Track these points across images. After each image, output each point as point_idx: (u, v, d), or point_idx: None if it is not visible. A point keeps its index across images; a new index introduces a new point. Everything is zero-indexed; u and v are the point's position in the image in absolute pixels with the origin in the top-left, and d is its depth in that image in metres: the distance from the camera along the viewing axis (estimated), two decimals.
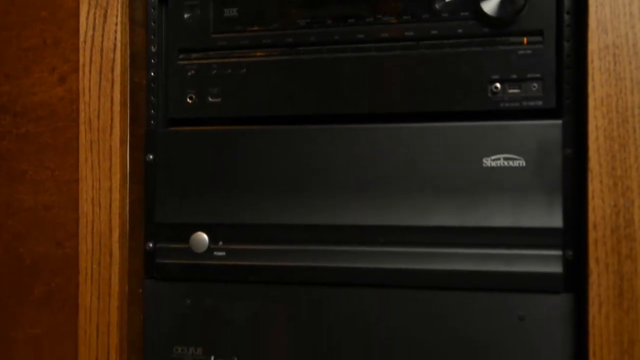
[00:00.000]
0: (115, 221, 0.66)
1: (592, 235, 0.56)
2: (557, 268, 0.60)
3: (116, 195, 0.66)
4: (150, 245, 0.69)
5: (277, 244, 0.66)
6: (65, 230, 0.69)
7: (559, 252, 0.60)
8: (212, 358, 0.68)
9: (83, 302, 0.67)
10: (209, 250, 0.67)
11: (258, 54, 0.67)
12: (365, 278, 0.64)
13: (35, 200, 0.70)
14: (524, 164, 0.61)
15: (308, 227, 0.65)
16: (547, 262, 0.60)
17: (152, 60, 0.70)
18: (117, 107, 0.66)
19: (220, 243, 0.67)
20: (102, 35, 0.66)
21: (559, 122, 0.60)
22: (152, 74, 0.70)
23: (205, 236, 0.67)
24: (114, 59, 0.65)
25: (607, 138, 0.55)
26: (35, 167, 0.70)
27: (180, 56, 0.68)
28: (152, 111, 0.70)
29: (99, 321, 0.66)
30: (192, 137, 0.68)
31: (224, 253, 0.67)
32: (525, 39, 0.61)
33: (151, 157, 0.69)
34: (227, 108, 0.68)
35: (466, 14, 0.62)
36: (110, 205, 0.66)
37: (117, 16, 0.65)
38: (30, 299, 0.70)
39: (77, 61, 0.67)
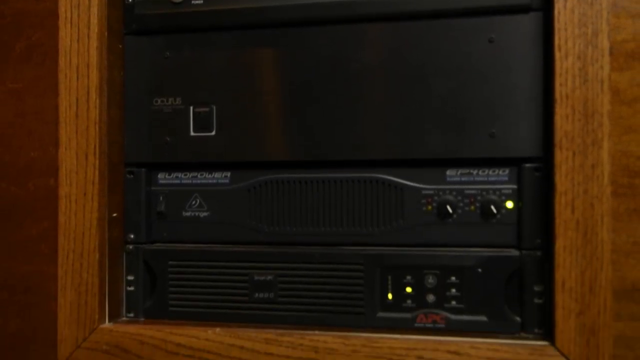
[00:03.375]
0: None
1: None
2: None
3: None
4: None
5: None
6: None
7: None
8: (191, 108, 0.69)
9: (63, 45, 0.67)
10: None
11: None
12: (342, 11, 0.65)
13: None
14: None
15: None
16: None
17: None
18: None
19: None
20: None
21: None
22: None
23: None
24: None
25: None
26: None
27: None
28: None
29: (79, 63, 0.67)
30: None
31: (201, 1, 0.68)
32: None
33: None
34: None
35: None
36: None
37: None
38: (11, 55, 0.71)
39: None
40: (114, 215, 0.69)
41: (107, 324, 0.68)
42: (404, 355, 0.60)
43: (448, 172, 0.65)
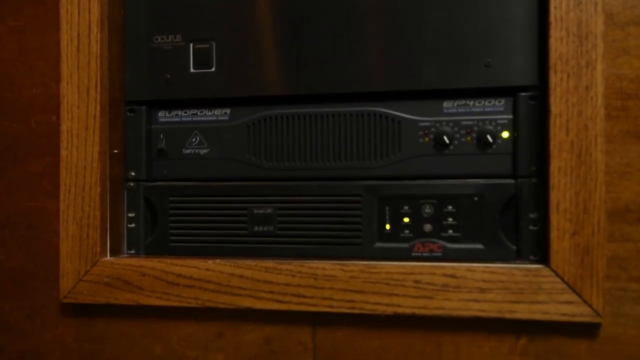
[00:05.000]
0: None
1: None
2: None
3: None
4: None
5: None
6: None
7: None
8: (191, 44, 0.70)
9: None
10: None
11: None
12: None
13: None
14: None
15: None
16: None
17: None
18: None
19: None
20: None
21: None
22: None
23: None
24: None
25: None
26: None
27: None
28: None
29: None
30: None
31: None
32: None
33: None
34: None
35: None
36: None
37: None
38: None
39: None
40: (115, 151, 0.70)
41: (108, 258, 0.69)
42: (401, 280, 0.61)
43: (445, 104, 0.66)
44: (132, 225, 0.72)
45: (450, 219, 0.65)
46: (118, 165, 0.71)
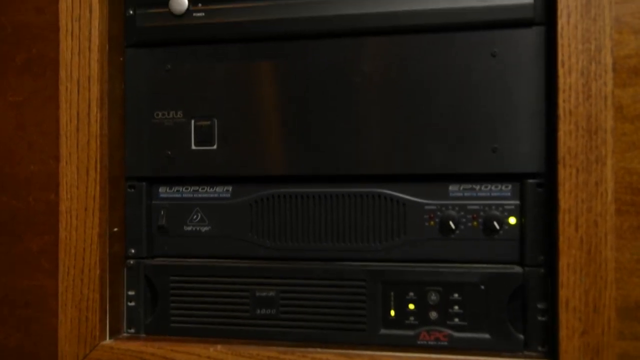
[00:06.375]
0: None
1: None
2: None
3: None
4: (131, 11, 0.70)
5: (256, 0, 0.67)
6: None
7: None
8: (192, 121, 0.69)
9: (64, 58, 0.67)
10: (189, 11, 0.68)
11: None
12: (344, 25, 0.65)
13: None
14: None
15: None
16: None
17: None
18: None
19: (200, 4, 0.68)
20: None
21: None
22: None
23: None
24: None
25: None
26: None
27: None
28: None
29: (80, 76, 0.67)
30: None
31: (203, 14, 0.68)
32: None
33: None
34: None
35: None
36: None
37: None
38: (12, 67, 0.71)
39: None
40: (115, 229, 0.69)
41: (108, 341, 0.67)
42: None
43: (450, 187, 0.65)
44: (132, 303, 0.70)
45: (456, 307, 0.64)
46: (118, 243, 0.70)
